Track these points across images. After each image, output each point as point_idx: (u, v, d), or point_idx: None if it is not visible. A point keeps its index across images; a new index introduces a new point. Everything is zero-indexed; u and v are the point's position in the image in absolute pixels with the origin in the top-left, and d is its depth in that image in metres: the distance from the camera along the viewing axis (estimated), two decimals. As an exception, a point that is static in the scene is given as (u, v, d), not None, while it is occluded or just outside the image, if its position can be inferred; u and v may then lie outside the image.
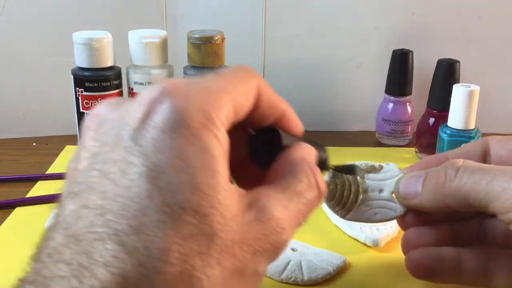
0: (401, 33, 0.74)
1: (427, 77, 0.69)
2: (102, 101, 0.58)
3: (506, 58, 0.76)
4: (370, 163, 0.39)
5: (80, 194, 0.22)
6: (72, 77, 0.59)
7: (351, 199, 0.37)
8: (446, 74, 0.66)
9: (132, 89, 0.61)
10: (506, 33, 0.74)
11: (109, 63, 0.59)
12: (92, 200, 0.21)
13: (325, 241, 0.47)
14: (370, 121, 0.76)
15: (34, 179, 0.59)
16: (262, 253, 0.23)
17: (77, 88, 0.59)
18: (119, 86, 0.60)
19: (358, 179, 0.38)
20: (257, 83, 0.26)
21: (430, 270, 0.37)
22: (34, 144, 0.71)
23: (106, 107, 0.24)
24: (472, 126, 0.58)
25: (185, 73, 0.62)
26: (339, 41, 0.75)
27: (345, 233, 0.49)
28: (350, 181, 0.38)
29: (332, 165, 0.34)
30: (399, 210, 0.37)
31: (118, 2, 0.71)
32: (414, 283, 0.39)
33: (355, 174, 0.37)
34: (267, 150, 0.28)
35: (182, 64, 0.63)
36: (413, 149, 0.70)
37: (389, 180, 0.38)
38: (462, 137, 0.58)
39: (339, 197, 0.37)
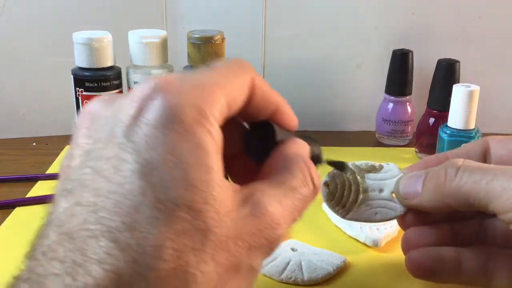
0: (401, 33, 0.74)
1: (427, 77, 0.69)
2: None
3: (506, 58, 0.76)
4: (370, 163, 0.39)
5: (73, 192, 0.22)
6: (72, 77, 0.59)
7: (351, 199, 0.37)
8: (446, 74, 0.66)
9: (132, 89, 0.61)
10: (506, 33, 0.74)
11: (109, 63, 0.59)
12: (85, 197, 0.21)
13: (325, 241, 0.47)
14: (370, 121, 0.76)
15: (34, 179, 0.59)
16: (257, 248, 0.23)
17: (77, 88, 0.59)
18: (119, 86, 0.60)
19: (358, 179, 0.38)
20: (251, 77, 0.26)
21: (430, 270, 0.37)
22: (34, 144, 0.71)
23: (98, 104, 0.24)
24: (472, 126, 0.58)
25: (185, 73, 0.62)
26: (339, 41, 0.75)
27: (345, 233, 0.48)
28: (350, 180, 0.38)
29: (325, 159, 0.33)
30: (399, 210, 0.37)
31: (118, 2, 0.71)
32: (414, 283, 0.39)
33: (344, 171, 0.37)
34: (261, 145, 0.28)
35: (182, 64, 0.63)
36: (413, 149, 0.70)
37: (389, 180, 0.38)
38: (462, 137, 0.58)
39: (339, 197, 0.37)
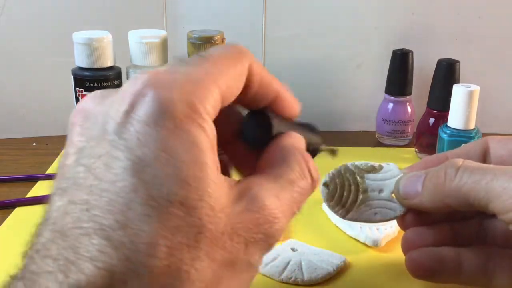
0: (401, 33, 0.74)
1: (427, 77, 0.69)
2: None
3: (506, 58, 0.76)
4: (370, 163, 0.39)
5: (67, 190, 0.21)
6: (72, 77, 0.59)
7: (351, 199, 0.37)
8: (446, 74, 0.66)
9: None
10: (506, 33, 0.74)
11: (109, 63, 0.59)
12: (78, 195, 0.21)
13: (325, 241, 0.47)
14: (370, 121, 0.76)
15: (34, 179, 0.59)
16: (255, 244, 0.23)
17: (77, 88, 0.58)
18: (119, 86, 0.60)
19: (358, 179, 0.38)
20: (248, 64, 0.25)
21: (430, 270, 0.37)
22: (34, 144, 0.71)
23: (91, 101, 0.24)
24: (472, 126, 0.58)
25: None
26: (339, 41, 0.75)
27: (345, 233, 0.48)
28: (350, 181, 0.38)
29: (324, 147, 0.33)
30: (399, 210, 0.37)
31: (118, 2, 0.71)
32: (414, 283, 0.39)
33: (334, 155, 0.36)
34: (257, 134, 0.28)
35: (182, 64, 0.63)
36: (413, 149, 0.70)
37: (389, 180, 0.38)
38: (462, 137, 0.58)
39: (339, 197, 0.37)
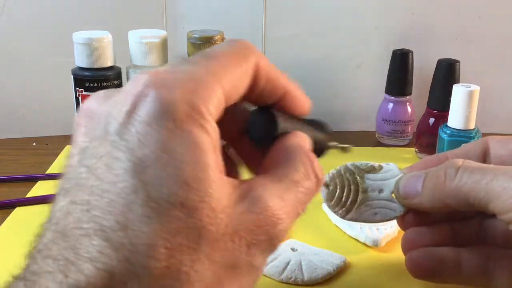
0: (401, 33, 0.74)
1: (427, 77, 0.69)
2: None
3: (506, 58, 0.76)
4: (370, 163, 0.39)
5: (70, 191, 0.21)
6: (72, 77, 0.59)
7: (351, 199, 0.37)
8: (446, 74, 0.66)
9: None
10: (506, 33, 0.74)
11: (109, 63, 0.59)
12: (80, 196, 0.21)
13: (325, 241, 0.47)
14: (370, 121, 0.76)
15: (34, 179, 0.59)
16: (257, 245, 0.22)
17: (77, 88, 0.58)
18: (119, 86, 0.60)
19: (358, 179, 0.38)
20: (255, 61, 0.25)
21: (430, 270, 0.37)
22: (34, 144, 0.71)
23: (95, 101, 0.24)
24: (472, 126, 0.58)
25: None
26: (339, 41, 0.75)
27: (345, 233, 0.48)
28: (350, 181, 0.38)
29: (335, 144, 0.32)
30: (399, 210, 0.37)
31: (118, 2, 0.71)
32: (414, 283, 0.39)
33: (346, 152, 0.36)
34: (262, 133, 0.27)
35: (182, 64, 0.63)
36: (413, 149, 0.70)
37: (389, 180, 0.38)
38: (462, 137, 0.58)
39: (339, 197, 0.37)
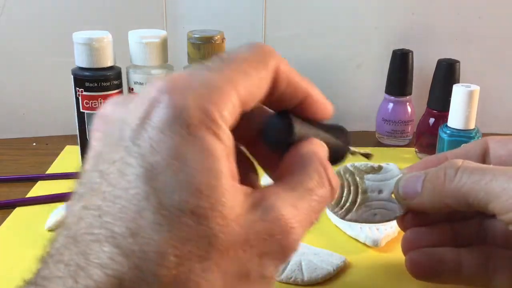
0: (401, 33, 0.74)
1: (427, 77, 0.69)
2: (102, 101, 0.58)
3: (506, 58, 0.76)
4: (370, 164, 0.39)
5: (84, 195, 0.21)
6: (72, 77, 0.59)
7: (351, 200, 0.37)
8: (446, 74, 0.66)
9: (132, 89, 0.61)
10: (506, 33, 0.74)
11: (109, 63, 0.59)
12: (92, 201, 0.21)
13: (325, 241, 0.47)
14: (370, 121, 0.76)
15: (34, 179, 0.59)
16: (269, 255, 0.22)
17: (77, 88, 0.58)
18: (119, 86, 0.60)
19: (357, 180, 0.38)
20: (274, 66, 0.24)
21: (430, 270, 0.37)
22: (34, 144, 0.71)
23: (111, 106, 0.24)
24: (472, 126, 0.58)
25: (185, 73, 0.62)
26: (339, 41, 0.75)
27: (345, 233, 0.48)
28: (350, 181, 0.38)
29: (355, 150, 0.32)
30: (399, 210, 0.37)
31: (118, 2, 0.71)
32: (414, 283, 0.39)
33: (369, 159, 0.36)
34: (277, 138, 0.27)
35: (182, 64, 0.63)
36: (413, 149, 0.70)
37: (388, 180, 0.38)
38: (462, 137, 0.58)
39: (339, 198, 0.37)
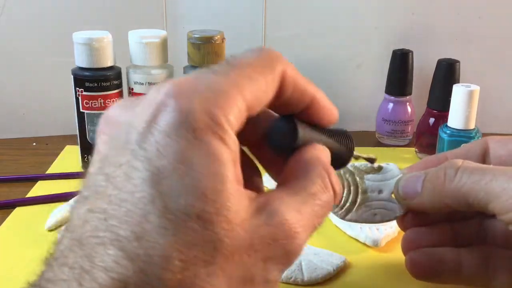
0: (401, 33, 0.74)
1: (427, 77, 0.69)
2: (102, 101, 0.58)
3: (506, 58, 0.76)
4: (370, 164, 0.39)
5: (89, 198, 0.21)
6: (72, 77, 0.59)
7: (351, 200, 0.37)
8: (446, 74, 0.66)
9: (132, 89, 0.61)
10: (506, 33, 0.74)
11: (109, 63, 0.59)
12: (98, 204, 0.21)
13: (325, 241, 0.47)
14: (370, 121, 0.76)
15: (34, 179, 0.59)
16: (273, 259, 0.22)
17: (77, 88, 0.58)
18: (119, 86, 0.60)
19: (357, 180, 0.38)
20: (281, 70, 0.24)
21: (430, 270, 0.37)
22: (34, 144, 0.71)
23: (117, 109, 0.24)
24: (472, 126, 0.58)
25: (185, 73, 0.62)
26: (339, 41, 0.75)
27: (345, 233, 0.49)
28: (350, 181, 0.38)
29: (358, 154, 0.32)
30: (399, 210, 0.37)
31: (118, 2, 0.71)
32: (414, 284, 0.39)
33: (373, 163, 0.36)
34: (281, 142, 0.27)
35: (182, 64, 0.63)
36: (413, 149, 0.70)
37: (388, 180, 0.38)
38: (462, 137, 0.58)
39: (339, 197, 0.37)
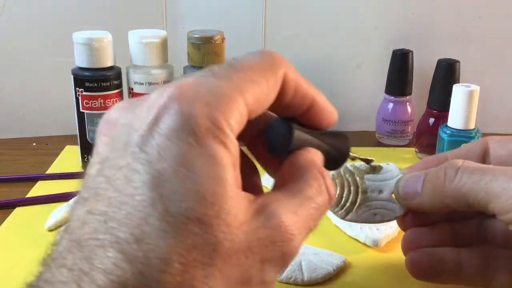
0: (401, 33, 0.74)
1: (427, 77, 0.69)
2: (102, 101, 0.58)
3: (506, 58, 0.76)
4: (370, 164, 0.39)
5: (88, 200, 0.22)
6: (72, 77, 0.59)
7: (351, 200, 0.37)
8: (446, 74, 0.66)
9: (132, 89, 0.61)
10: (506, 33, 0.74)
11: (109, 63, 0.59)
12: (97, 206, 0.21)
13: (325, 241, 0.47)
14: (370, 121, 0.76)
15: (34, 179, 0.59)
16: (270, 261, 0.22)
17: (77, 88, 0.58)
18: (119, 86, 0.60)
19: (357, 180, 0.38)
20: (282, 73, 0.25)
21: (430, 270, 0.37)
22: (34, 144, 0.71)
23: (117, 111, 0.24)
24: (472, 126, 0.58)
25: (185, 73, 0.62)
26: (339, 41, 0.75)
27: (345, 233, 0.49)
28: (350, 182, 0.38)
29: (355, 156, 0.32)
30: (399, 210, 0.37)
31: (118, 2, 0.71)
32: (414, 283, 0.39)
33: (370, 165, 0.37)
34: (277, 144, 0.27)
35: (182, 64, 0.63)
36: (413, 149, 0.70)
37: (388, 180, 0.38)
38: (462, 137, 0.58)
39: (338, 198, 0.37)
